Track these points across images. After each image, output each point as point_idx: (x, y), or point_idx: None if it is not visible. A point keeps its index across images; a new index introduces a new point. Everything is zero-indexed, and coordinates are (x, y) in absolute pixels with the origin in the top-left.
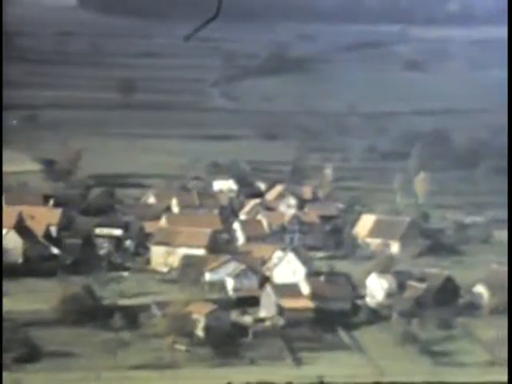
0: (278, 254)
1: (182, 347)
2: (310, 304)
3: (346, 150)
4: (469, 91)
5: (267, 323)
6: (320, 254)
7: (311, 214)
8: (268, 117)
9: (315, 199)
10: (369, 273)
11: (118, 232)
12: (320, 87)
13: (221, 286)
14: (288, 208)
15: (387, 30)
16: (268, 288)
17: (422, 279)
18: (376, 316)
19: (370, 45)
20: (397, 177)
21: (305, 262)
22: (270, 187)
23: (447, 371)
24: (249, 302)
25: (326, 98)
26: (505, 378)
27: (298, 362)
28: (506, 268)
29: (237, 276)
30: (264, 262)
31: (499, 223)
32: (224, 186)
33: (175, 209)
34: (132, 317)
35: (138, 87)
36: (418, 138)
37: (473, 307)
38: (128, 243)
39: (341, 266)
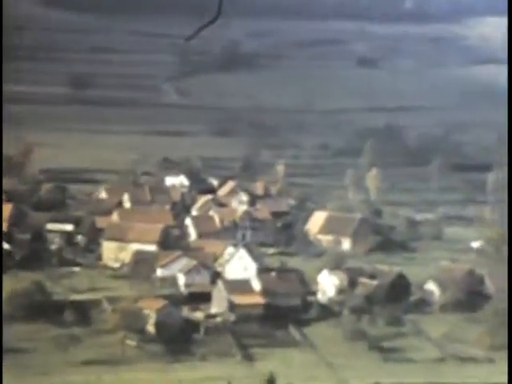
0: (230, 250)
1: (133, 343)
2: (261, 300)
3: (298, 146)
4: (423, 88)
5: (218, 319)
6: (271, 251)
7: (263, 211)
8: (220, 113)
9: (267, 195)
10: (320, 269)
11: (69, 227)
12: (273, 84)
13: (172, 281)
14: (240, 204)
15: (343, 27)
16: (219, 284)
17: (373, 276)
18: (327, 312)
19: (325, 41)
20: (349, 173)
21: (256, 258)
22: (222, 183)
23: (396, 367)
24: (200, 298)
25: (279, 95)
26: (503, 378)
27: (248, 358)
28: (456, 265)
29: (188, 272)
30: (216, 258)
31: (450, 220)
32: (176, 181)
33: (127, 204)
34: (83, 312)
35: (92, 82)
36: (370, 135)
37: (423, 304)
38: (79, 238)
39: (292, 262)
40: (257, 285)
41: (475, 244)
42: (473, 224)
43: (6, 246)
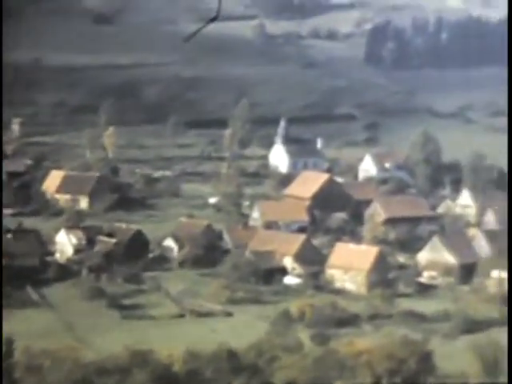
0: None
1: None
2: None
3: (34, 104)
4: (159, 45)
5: None
6: (9, 211)
7: None
8: None
9: (2, 156)
10: (58, 229)
11: None
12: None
13: None
14: None
15: None
16: None
17: (111, 234)
18: (66, 272)
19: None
20: (86, 132)
21: None
22: None
23: (136, 324)
24: None
25: (10, 50)
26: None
27: None
28: (194, 221)
29: None
30: None
31: (187, 177)
32: None
33: None
34: None
35: None
36: (107, 92)
37: (162, 260)
38: None
39: (30, 222)
40: None
41: (212, 199)
42: (210, 180)
43: None
